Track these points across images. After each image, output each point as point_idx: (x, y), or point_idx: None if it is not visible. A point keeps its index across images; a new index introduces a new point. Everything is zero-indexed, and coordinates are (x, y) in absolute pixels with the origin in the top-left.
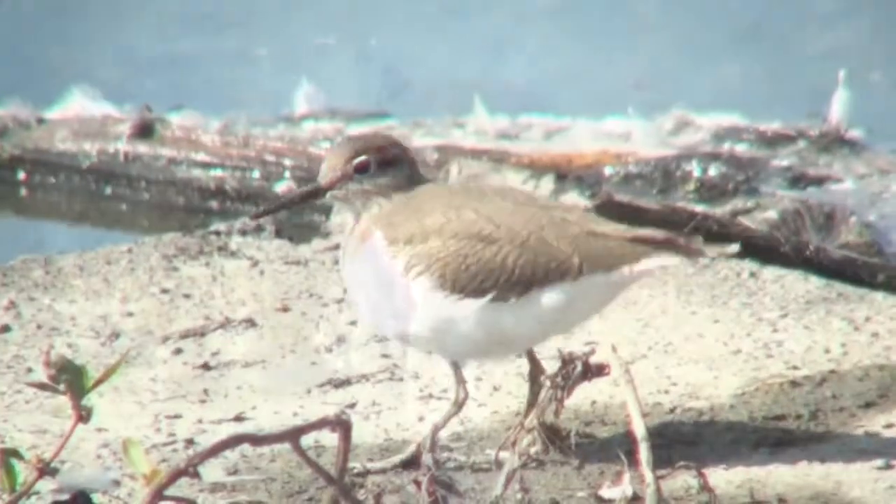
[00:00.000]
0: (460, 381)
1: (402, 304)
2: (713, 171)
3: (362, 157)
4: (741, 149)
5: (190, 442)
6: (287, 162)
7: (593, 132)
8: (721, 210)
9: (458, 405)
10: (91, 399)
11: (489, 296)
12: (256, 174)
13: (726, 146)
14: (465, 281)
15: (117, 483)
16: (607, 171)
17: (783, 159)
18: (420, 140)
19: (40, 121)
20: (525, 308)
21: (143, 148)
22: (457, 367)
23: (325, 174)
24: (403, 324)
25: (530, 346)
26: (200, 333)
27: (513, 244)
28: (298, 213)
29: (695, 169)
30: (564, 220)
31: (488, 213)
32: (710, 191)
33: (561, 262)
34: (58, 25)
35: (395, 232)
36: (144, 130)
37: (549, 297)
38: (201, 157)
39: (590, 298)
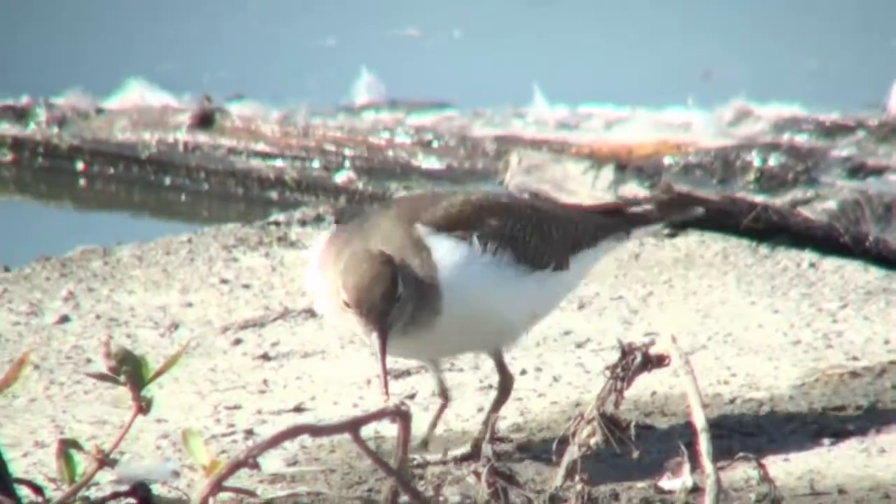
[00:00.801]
0: (505, 366)
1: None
2: (773, 162)
3: (399, 290)
4: (801, 139)
5: (249, 433)
6: (347, 152)
7: (653, 122)
8: (781, 200)
9: (508, 391)
10: (151, 390)
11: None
12: (316, 164)
13: (786, 136)
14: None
15: (176, 474)
16: (667, 161)
17: (843, 149)
18: (479, 130)
19: (99, 111)
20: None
21: (202, 138)
22: (500, 353)
23: (380, 321)
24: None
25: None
26: (260, 324)
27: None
28: (358, 203)
29: (755, 159)
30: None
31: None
32: (770, 181)
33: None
34: (116, 16)
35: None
36: (204, 120)
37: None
38: (261, 147)
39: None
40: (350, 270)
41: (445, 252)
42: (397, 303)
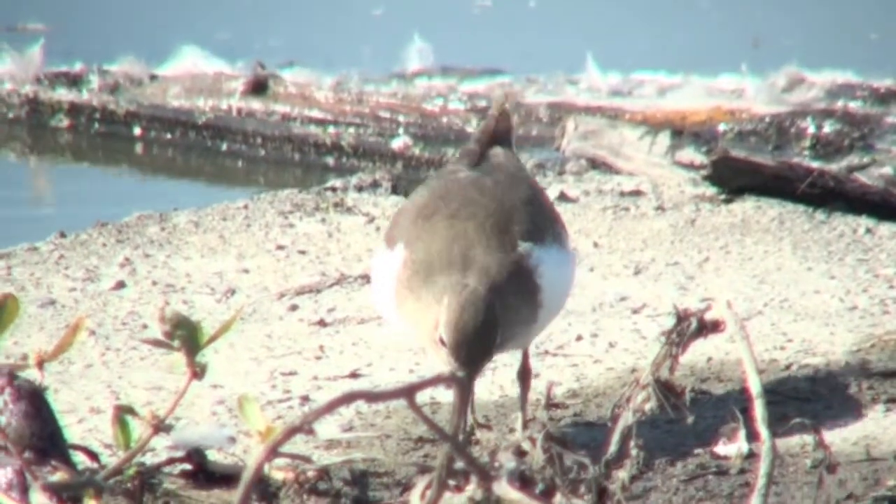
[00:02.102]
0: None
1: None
2: (828, 128)
3: (491, 353)
4: (854, 106)
5: (305, 398)
6: (401, 118)
7: (706, 89)
8: (836, 166)
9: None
10: (206, 356)
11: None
12: (370, 130)
13: (839, 103)
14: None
15: (232, 440)
16: (721, 127)
17: None
18: (533, 97)
19: (153, 77)
20: None
21: (256, 105)
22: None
23: (474, 372)
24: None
25: None
26: (316, 290)
27: None
28: (415, 169)
29: (809, 126)
30: None
31: None
32: (825, 147)
33: None
34: None
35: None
36: (258, 87)
37: None
38: (315, 113)
39: None
40: (453, 310)
41: (550, 266)
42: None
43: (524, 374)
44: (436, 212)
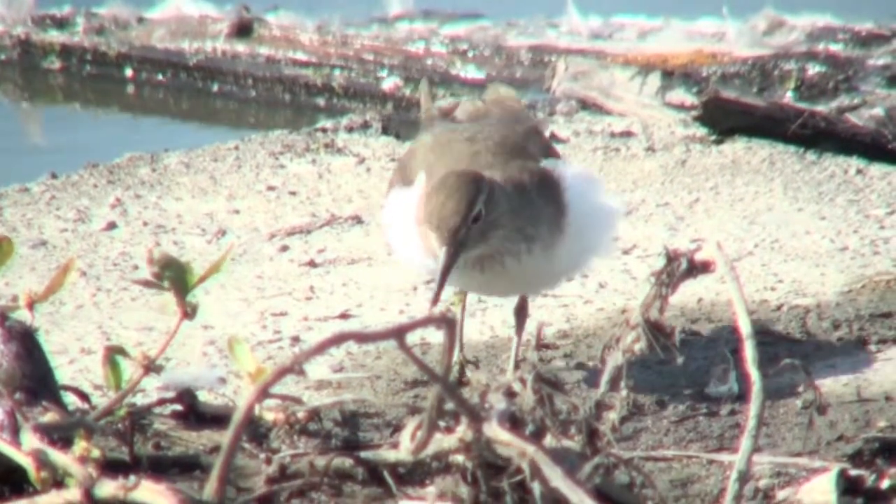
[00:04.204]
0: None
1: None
2: (812, 71)
3: (477, 209)
4: (836, 49)
5: (296, 339)
6: (385, 61)
7: (686, 32)
8: (826, 108)
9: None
10: (196, 296)
11: None
12: (353, 73)
13: (821, 46)
14: None
15: (223, 380)
16: (704, 71)
17: (879, 59)
18: (514, 40)
19: (140, 20)
20: None
21: (240, 47)
22: None
23: (448, 239)
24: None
25: None
26: (307, 230)
27: None
28: (405, 110)
29: (793, 68)
30: None
31: None
32: (810, 90)
33: None
34: None
35: None
36: (242, 30)
37: None
38: (299, 56)
39: None
40: (435, 186)
41: (578, 181)
42: (474, 223)
43: (520, 311)
44: (451, 140)
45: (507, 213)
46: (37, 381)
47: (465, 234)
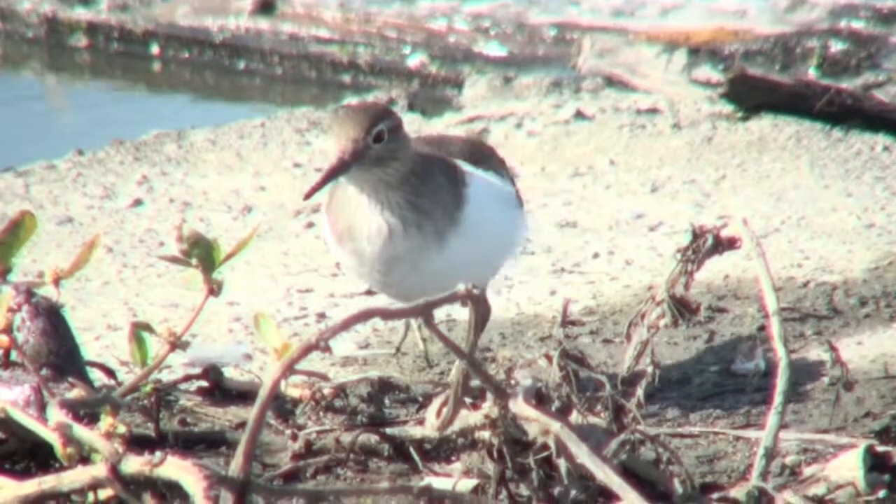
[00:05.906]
0: (487, 297)
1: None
2: (835, 48)
3: (379, 127)
4: (858, 26)
5: (321, 316)
6: (408, 38)
7: (708, 10)
8: (852, 84)
9: (486, 321)
10: (223, 273)
11: None
12: (376, 50)
13: (843, 23)
14: None
15: (248, 357)
16: (727, 48)
17: None
18: (536, 17)
19: None
20: None
21: (263, 24)
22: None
23: (345, 146)
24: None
25: None
26: None
27: None
28: (430, 87)
29: (816, 45)
30: None
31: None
32: (833, 67)
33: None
34: None
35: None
36: (265, 6)
37: None
38: (322, 32)
39: None
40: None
41: (481, 179)
42: (376, 143)
43: (479, 312)
44: None
45: (410, 160)
46: (63, 357)
47: (364, 149)
